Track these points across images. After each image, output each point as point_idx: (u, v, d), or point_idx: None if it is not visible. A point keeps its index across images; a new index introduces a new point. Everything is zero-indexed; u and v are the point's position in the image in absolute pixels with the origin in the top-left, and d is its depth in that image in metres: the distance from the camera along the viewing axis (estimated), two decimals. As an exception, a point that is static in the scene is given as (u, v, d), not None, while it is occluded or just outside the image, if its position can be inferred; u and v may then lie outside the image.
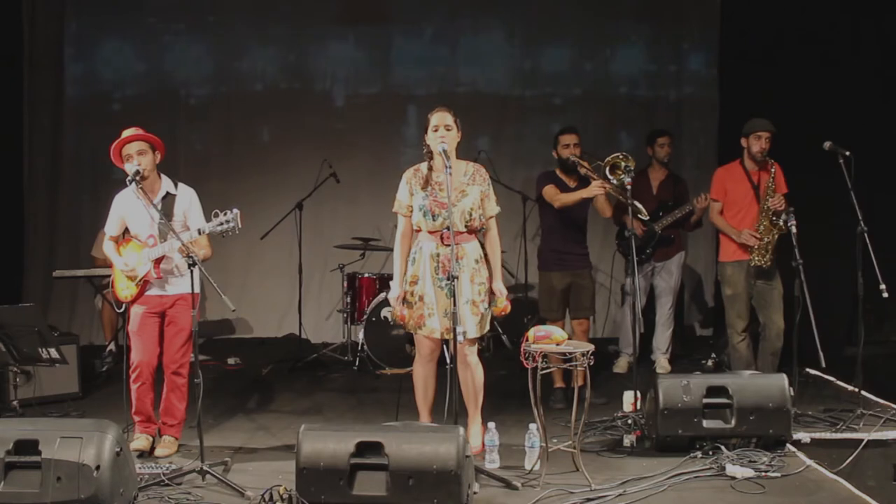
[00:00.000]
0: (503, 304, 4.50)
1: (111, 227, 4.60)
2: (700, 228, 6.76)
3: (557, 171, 5.71)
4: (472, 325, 4.36)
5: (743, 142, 5.56)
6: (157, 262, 4.44)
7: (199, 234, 4.30)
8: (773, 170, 5.45)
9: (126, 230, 4.60)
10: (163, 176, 4.56)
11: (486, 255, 4.54)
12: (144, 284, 4.49)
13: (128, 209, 4.53)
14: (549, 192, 5.60)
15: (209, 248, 4.56)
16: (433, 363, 4.56)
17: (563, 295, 5.70)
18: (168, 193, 4.53)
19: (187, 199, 4.57)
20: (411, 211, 4.48)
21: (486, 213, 4.49)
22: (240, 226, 4.20)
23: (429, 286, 4.41)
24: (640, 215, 5.44)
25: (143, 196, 4.39)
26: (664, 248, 6.49)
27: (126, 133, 4.44)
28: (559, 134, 5.69)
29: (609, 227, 6.52)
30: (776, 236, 5.42)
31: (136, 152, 4.40)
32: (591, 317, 5.87)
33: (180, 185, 4.60)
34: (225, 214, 4.20)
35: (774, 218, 5.38)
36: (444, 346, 4.87)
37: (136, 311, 4.52)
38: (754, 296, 5.58)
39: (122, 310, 4.63)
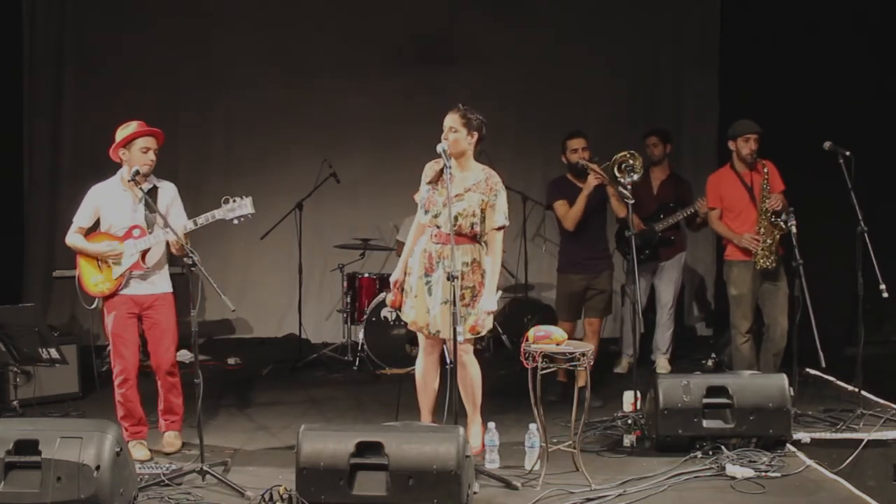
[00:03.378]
0: (471, 323, 4.29)
1: (83, 218, 4.55)
2: (705, 228, 6.75)
3: (568, 176, 5.71)
4: (445, 326, 4.32)
5: (731, 145, 5.54)
6: (144, 253, 4.45)
7: (211, 220, 4.29)
8: (765, 170, 5.44)
9: (95, 225, 4.56)
10: None
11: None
12: (120, 279, 4.45)
13: (106, 201, 4.50)
14: (560, 212, 5.65)
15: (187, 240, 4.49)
16: (432, 357, 4.57)
17: (580, 297, 5.71)
18: (154, 186, 4.54)
19: (171, 194, 4.59)
20: None
21: (487, 225, 4.40)
22: (253, 211, 4.19)
23: (414, 280, 4.45)
24: (626, 199, 5.32)
25: (132, 189, 4.38)
26: (665, 249, 6.48)
27: (134, 126, 4.43)
28: (567, 139, 5.67)
29: (610, 226, 6.50)
30: (778, 236, 5.39)
31: (152, 146, 4.42)
32: (604, 318, 5.86)
33: (162, 179, 4.61)
34: (234, 201, 4.19)
35: (774, 218, 5.36)
36: (444, 346, 4.88)
37: (116, 314, 4.47)
38: (760, 296, 5.55)
39: (93, 306, 4.55)
